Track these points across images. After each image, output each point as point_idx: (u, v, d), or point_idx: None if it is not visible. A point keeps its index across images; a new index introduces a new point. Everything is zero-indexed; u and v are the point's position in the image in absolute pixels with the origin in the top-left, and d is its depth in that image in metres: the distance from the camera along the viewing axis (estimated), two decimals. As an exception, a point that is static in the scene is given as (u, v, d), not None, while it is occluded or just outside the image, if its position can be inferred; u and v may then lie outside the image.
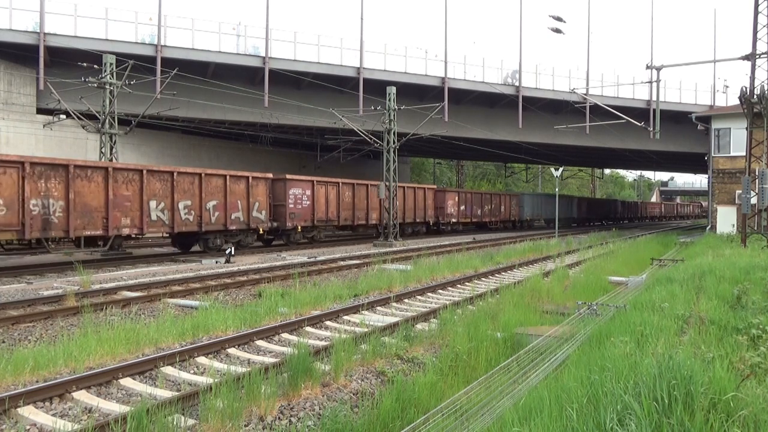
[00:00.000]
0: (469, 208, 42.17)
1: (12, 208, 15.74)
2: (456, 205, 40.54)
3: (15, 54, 25.52)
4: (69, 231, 17.00)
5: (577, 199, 63.34)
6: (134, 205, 19.01)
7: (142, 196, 19.16)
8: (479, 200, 43.93)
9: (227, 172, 22.85)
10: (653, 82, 22.96)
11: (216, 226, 21.96)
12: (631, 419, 3.56)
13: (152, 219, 19.61)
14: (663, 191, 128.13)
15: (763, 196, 19.42)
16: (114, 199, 18.30)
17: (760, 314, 7.17)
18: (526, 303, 11.53)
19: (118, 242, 20.24)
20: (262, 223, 24.17)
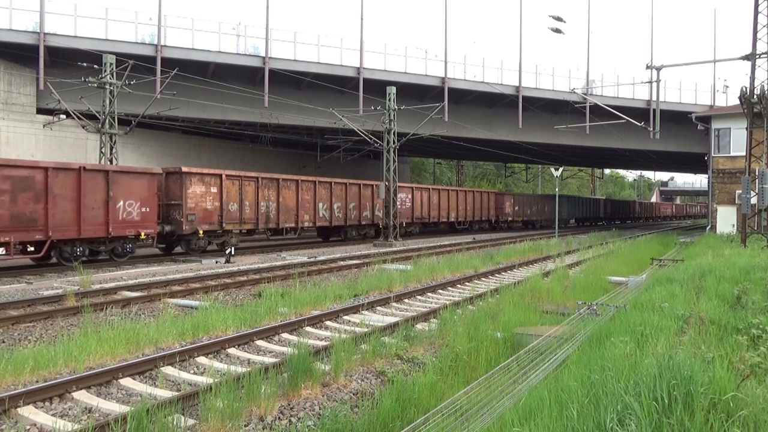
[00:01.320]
0: (521, 209, 49.64)
1: (252, 208, 24.04)
2: (512, 206, 48.18)
3: (15, 54, 25.51)
4: (279, 223, 25.46)
5: (602, 200, 72.64)
6: (310, 206, 27.51)
7: (315, 199, 27.70)
8: (529, 202, 51.82)
9: (361, 181, 31.70)
10: (653, 82, 22.97)
11: (353, 221, 30.74)
12: (631, 419, 3.56)
13: (319, 216, 28.14)
14: (663, 191, 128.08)
15: (763, 196, 19.42)
16: (301, 202, 26.75)
17: (760, 314, 7.17)
18: (526, 303, 11.53)
19: (301, 233, 27.87)
20: (380, 220, 32.21)
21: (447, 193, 39.35)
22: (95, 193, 18.12)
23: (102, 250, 18.66)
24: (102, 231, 18.32)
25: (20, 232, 16.15)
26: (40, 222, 16.61)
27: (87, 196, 17.79)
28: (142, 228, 19.55)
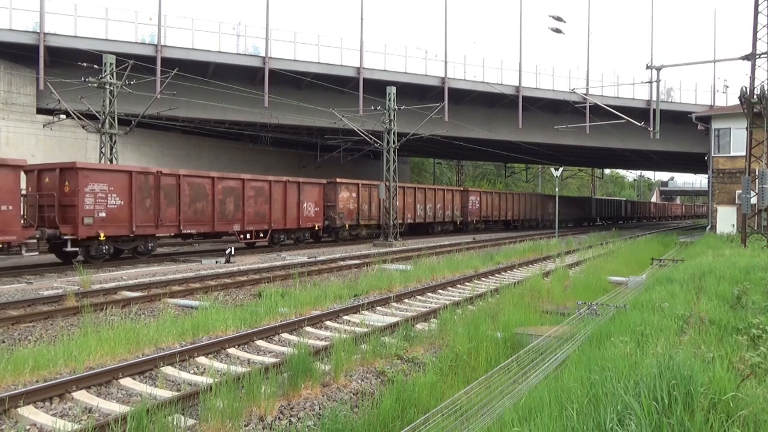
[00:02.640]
0: (565, 211, 55.79)
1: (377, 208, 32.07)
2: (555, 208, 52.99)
3: (15, 54, 25.51)
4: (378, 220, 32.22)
5: (623, 201, 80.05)
6: (411, 207, 35.17)
7: (414, 202, 35.54)
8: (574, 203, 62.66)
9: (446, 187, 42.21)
10: (653, 82, 22.97)
11: (439, 219, 38.26)
12: (631, 419, 3.56)
13: (417, 214, 35.89)
14: (663, 191, 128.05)
15: (763, 196, 19.42)
16: (406, 204, 34.46)
17: (760, 314, 7.17)
18: (526, 303, 11.53)
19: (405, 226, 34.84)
20: (457, 218, 39.77)
21: (505, 196, 48.20)
22: (293, 198, 25.93)
23: (295, 237, 27.04)
24: (296, 224, 26.18)
25: (257, 224, 24.04)
26: (266, 217, 24.50)
27: (289, 200, 25.67)
28: (315, 222, 27.59)
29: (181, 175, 20.93)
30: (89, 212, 17.75)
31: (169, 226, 20.37)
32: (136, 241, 19.74)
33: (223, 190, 22.40)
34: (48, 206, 17.51)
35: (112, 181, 18.56)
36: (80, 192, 17.47)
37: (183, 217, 20.66)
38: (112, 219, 18.41)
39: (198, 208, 21.34)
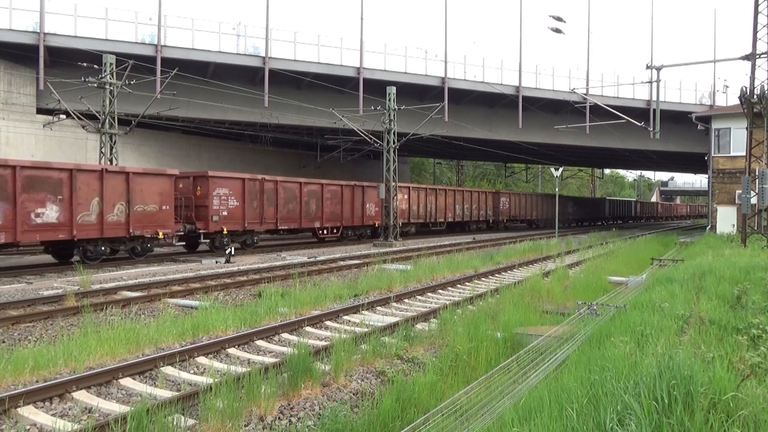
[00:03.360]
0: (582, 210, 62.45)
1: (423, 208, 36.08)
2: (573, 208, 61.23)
3: (15, 54, 25.50)
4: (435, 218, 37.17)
5: (633, 202, 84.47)
6: (452, 207, 39.48)
7: (454, 203, 39.94)
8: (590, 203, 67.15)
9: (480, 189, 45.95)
10: (653, 82, 22.96)
11: (474, 218, 42.54)
12: (631, 419, 3.56)
13: (456, 214, 40.03)
14: (663, 191, 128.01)
15: (763, 196, 19.42)
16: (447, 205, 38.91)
17: (760, 314, 7.17)
18: (526, 303, 11.53)
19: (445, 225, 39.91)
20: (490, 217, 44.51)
21: (531, 197, 52.72)
22: (359, 199, 30.79)
23: (359, 233, 31.57)
24: (360, 222, 31.08)
25: (332, 221, 28.95)
26: (339, 216, 29.34)
27: (356, 201, 30.52)
28: (375, 220, 32.09)
29: (278, 180, 25.66)
30: (216, 211, 22.32)
31: (270, 223, 25.22)
32: (245, 235, 24.22)
33: (307, 193, 27.42)
34: (185, 206, 21.72)
35: (231, 186, 23.07)
36: (210, 195, 22.08)
37: (279, 215, 25.56)
38: (231, 217, 22.94)
39: (290, 208, 26.38)
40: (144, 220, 19.31)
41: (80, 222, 17.35)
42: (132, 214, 18.83)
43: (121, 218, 18.59)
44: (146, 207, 19.39)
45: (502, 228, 46.28)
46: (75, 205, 17.14)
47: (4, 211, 15.63)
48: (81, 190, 17.42)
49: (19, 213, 15.87)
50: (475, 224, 43.69)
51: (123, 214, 18.66)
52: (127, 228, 18.74)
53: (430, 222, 37.30)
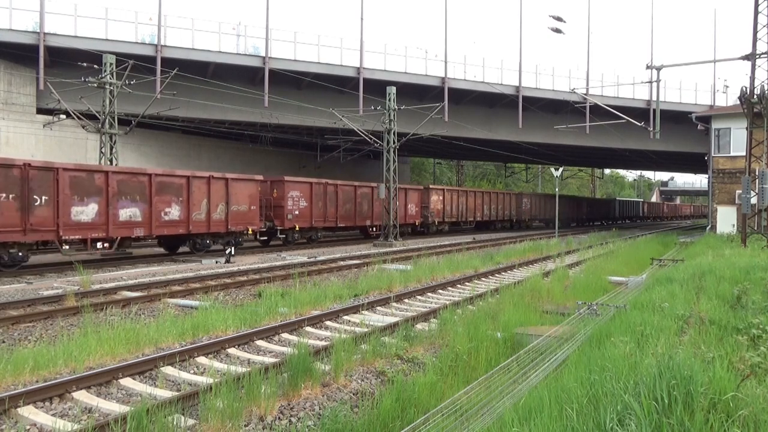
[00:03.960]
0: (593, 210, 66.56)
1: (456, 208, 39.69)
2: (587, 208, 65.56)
3: (15, 54, 25.50)
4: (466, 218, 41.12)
5: (641, 202, 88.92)
6: (479, 207, 42.78)
7: (483, 204, 43.25)
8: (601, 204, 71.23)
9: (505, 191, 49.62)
10: (653, 82, 22.96)
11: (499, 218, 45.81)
12: (631, 419, 3.56)
13: (484, 214, 43.60)
14: (663, 191, 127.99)
15: (763, 196, 19.41)
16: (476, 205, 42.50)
17: (760, 314, 7.17)
18: (526, 303, 11.53)
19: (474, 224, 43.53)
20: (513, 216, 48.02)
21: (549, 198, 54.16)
22: (402, 200, 33.74)
23: (402, 231, 33.40)
24: (404, 220, 33.89)
25: (380, 220, 31.82)
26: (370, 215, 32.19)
27: (400, 202, 33.19)
28: (416, 219, 35.67)
29: (338, 184, 29.50)
30: (290, 211, 26.28)
31: (331, 221, 29.11)
32: (311, 231, 28.22)
33: (360, 195, 31.36)
34: (265, 207, 25.18)
35: (301, 189, 27.08)
36: (285, 197, 25.95)
37: (339, 214, 29.51)
38: (301, 216, 26.92)
39: (347, 208, 30.26)
40: (238, 218, 22.91)
41: (194, 219, 20.95)
42: (230, 213, 22.43)
43: (222, 216, 22.20)
44: (240, 207, 23.06)
45: (524, 227, 50.03)
46: (191, 206, 20.75)
47: (143, 210, 19.07)
48: (194, 193, 20.95)
49: (153, 212, 19.39)
50: (500, 223, 46.77)
51: (223, 213, 22.28)
52: (226, 224, 22.26)
53: (461, 221, 40.84)
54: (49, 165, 16.92)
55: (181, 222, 20.42)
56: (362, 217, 31.32)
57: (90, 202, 17.63)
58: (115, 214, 18.28)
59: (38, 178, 16.44)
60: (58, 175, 16.80)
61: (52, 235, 16.72)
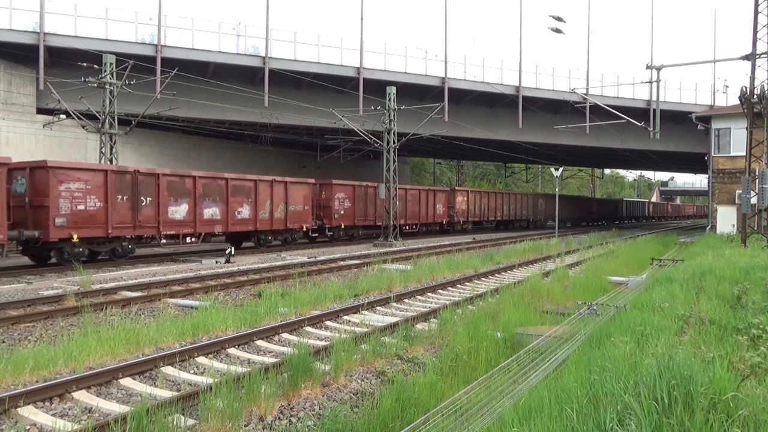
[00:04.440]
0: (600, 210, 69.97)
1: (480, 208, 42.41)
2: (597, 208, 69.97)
3: (15, 54, 25.50)
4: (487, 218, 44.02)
5: (647, 202, 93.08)
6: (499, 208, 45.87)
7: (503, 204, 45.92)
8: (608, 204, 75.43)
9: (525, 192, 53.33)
10: (653, 82, 22.96)
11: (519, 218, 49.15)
12: (631, 419, 3.56)
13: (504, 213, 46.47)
14: (663, 191, 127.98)
15: (763, 196, 19.41)
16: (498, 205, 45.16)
17: (760, 314, 7.17)
18: (526, 303, 11.53)
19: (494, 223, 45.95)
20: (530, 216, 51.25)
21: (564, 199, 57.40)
22: (431, 201, 37.35)
23: (430, 229, 38.32)
24: (432, 219, 37.55)
25: (412, 219, 35.73)
26: (417, 214, 36.10)
27: (429, 203, 37.15)
28: (443, 218, 38.74)
29: (376, 187, 32.37)
30: (337, 210, 29.67)
31: (370, 220, 32.26)
32: (354, 229, 31.52)
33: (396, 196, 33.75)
34: (315, 207, 28.36)
35: (346, 191, 30.32)
36: (333, 198, 29.44)
37: (377, 214, 32.34)
38: (346, 215, 30.33)
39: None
40: (295, 217, 26.13)
41: (260, 218, 23.84)
42: (288, 213, 25.56)
43: (282, 215, 25.28)
44: (296, 207, 26.21)
45: (539, 226, 53.15)
46: (258, 206, 23.66)
47: (221, 210, 22.06)
48: (260, 195, 23.84)
49: (229, 211, 22.32)
50: (518, 222, 49.43)
51: (283, 212, 25.34)
52: (285, 223, 25.43)
53: (483, 220, 43.82)
54: (152, 171, 19.89)
55: (250, 220, 23.49)
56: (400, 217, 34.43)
57: (182, 203, 20.66)
58: (201, 213, 21.26)
59: (144, 182, 19.27)
60: (159, 180, 19.75)
61: (154, 230, 19.73)
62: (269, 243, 25.07)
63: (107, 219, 18.09)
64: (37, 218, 16.85)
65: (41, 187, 16.88)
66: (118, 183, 18.42)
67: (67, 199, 17.14)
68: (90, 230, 17.76)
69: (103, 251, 18.63)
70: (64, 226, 17.01)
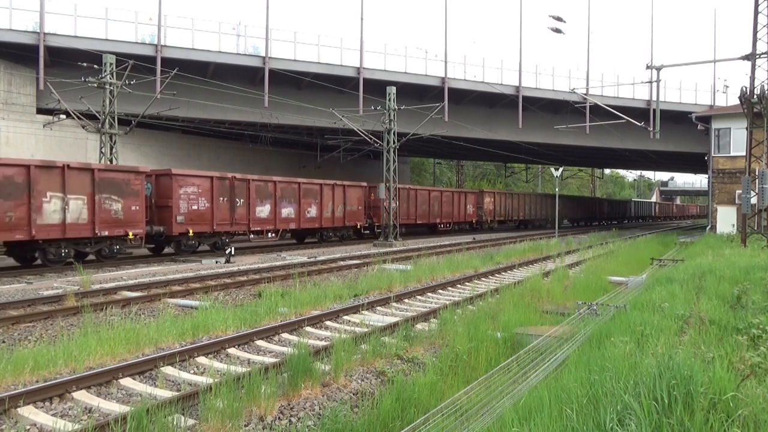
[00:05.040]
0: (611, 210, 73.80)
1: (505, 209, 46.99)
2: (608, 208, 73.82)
3: (15, 54, 25.49)
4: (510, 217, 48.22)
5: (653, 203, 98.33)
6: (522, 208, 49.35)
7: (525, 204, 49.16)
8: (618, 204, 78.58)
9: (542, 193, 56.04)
10: (653, 82, 22.95)
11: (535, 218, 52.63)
12: (631, 419, 3.56)
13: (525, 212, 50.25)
14: (663, 191, 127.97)
15: (763, 196, 19.41)
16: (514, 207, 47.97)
17: (760, 314, 7.17)
18: (526, 303, 11.53)
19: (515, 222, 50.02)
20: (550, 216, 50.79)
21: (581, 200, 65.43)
22: (462, 202, 41.71)
23: (461, 227, 42.09)
24: (463, 218, 41.57)
25: (446, 218, 39.28)
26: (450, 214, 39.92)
27: (461, 203, 41.45)
28: (473, 218, 42.95)
29: (417, 189, 37.14)
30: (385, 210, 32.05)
31: (412, 219, 35.94)
32: (417, 227, 37.16)
33: (433, 197, 38.20)
34: (366, 207, 31.93)
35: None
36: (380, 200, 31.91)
37: (418, 213, 36.51)
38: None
39: (423, 208, 37.20)
40: (351, 216, 29.98)
41: (324, 216, 27.91)
42: (346, 212, 29.38)
43: (341, 214, 29.04)
44: (352, 207, 30.09)
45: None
46: (322, 206, 27.72)
47: (294, 210, 26.10)
48: (324, 196, 27.87)
49: (301, 211, 26.43)
50: (537, 221, 52.98)
51: (342, 211, 28.96)
52: (343, 221, 29.38)
53: (508, 219, 47.92)
54: (244, 177, 23.73)
55: (316, 218, 27.56)
56: (433, 216, 38.07)
57: (266, 204, 24.62)
58: (279, 213, 25.24)
59: (238, 186, 23.24)
60: (249, 184, 23.80)
61: (245, 227, 23.65)
62: (330, 239, 28.71)
63: (212, 217, 21.98)
64: (161, 216, 20.59)
65: (165, 190, 20.67)
66: (220, 187, 22.29)
67: (184, 200, 21.01)
68: (200, 226, 21.64)
69: (207, 244, 22.48)
70: (183, 223, 20.93)
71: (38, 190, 16.43)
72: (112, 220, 18.37)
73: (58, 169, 17.07)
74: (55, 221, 16.87)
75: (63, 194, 17.04)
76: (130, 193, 18.91)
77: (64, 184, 17.06)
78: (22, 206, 16.07)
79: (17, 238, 16.16)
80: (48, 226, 16.71)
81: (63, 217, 17.04)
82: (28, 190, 16.18)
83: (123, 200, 18.67)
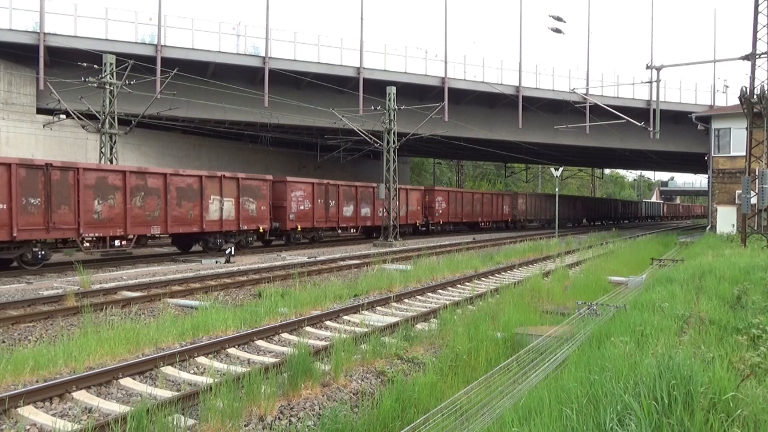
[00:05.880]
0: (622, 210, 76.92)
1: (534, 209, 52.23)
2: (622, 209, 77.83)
3: (15, 54, 25.49)
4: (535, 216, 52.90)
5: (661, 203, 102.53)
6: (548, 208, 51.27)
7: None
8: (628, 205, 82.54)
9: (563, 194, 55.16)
10: (653, 82, 22.96)
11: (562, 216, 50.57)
12: (631, 419, 3.56)
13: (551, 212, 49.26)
14: (663, 191, 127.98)
15: (763, 196, 19.41)
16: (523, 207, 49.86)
17: (760, 314, 7.17)
18: (526, 303, 11.53)
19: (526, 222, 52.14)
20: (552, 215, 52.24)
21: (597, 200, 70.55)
22: (499, 203, 46.49)
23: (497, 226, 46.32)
24: (500, 217, 46.59)
25: (486, 217, 44.62)
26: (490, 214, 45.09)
27: (497, 204, 46.24)
28: (508, 217, 47.46)
29: (463, 192, 42.86)
30: (437, 210, 37.94)
31: (458, 218, 40.49)
32: (446, 225, 39.70)
33: (475, 199, 43.10)
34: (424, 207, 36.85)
35: (442, 195, 38.99)
36: (434, 201, 37.32)
37: (463, 212, 41.09)
38: (442, 214, 38.60)
39: (467, 208, 41.74)
40: (411, 215, 35.30)
41: (377, 216, 32.12)
42: (408, 211, 34.62)
43: (404, 213, 33.99)
44: (412, 207, 35.24)
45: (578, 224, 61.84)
46: (375, 207, 32.07)
47: (371, 210, 31.49)
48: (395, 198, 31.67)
49: (375, 211, 31.91)
50: (563, 221, 54.30)
51: (405, 211, 34.05)
52: (406, 219, 34.44)
53: (536, 219, 52.66)
54: (335, 183, 29.11)
55: (369, 218, 31.96)
56: (476, 215, 42.68)
57: (350, 205, 30.27)
58: (359, 212, 30.74)
59: (331, 190, 28.59)
60: (339, 189, 29.23)
61: (335, 224, 29.21)
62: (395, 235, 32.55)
63: (313, 215, 27.06)
64: (277, 214, 25.36)
65: (280, 194, 25.62)
66: (318, 191, 27.34)
67: (294, 202, 26.02)
68: (305, 222, 26.71)
69: (307, 237, 27.45)
70: (294, 220, 26.00)
71: (206, 194, 21.13)
72: (249, 217, 23.09)
73: (217, 178, 21.72)
74: (215, 218, 21.59)
75: (220, 197, 21.74)
76: (260, 196, 23.62)
77: (221, 189, 21.70)
78: (197, 206, 20.77)
79: (194, 230, 20.84)
80: (212, 222, 21.43)
81: (220, 215, 21.73)
82: (200, 194, 20.86)
83: (256, 201, 23.39)
